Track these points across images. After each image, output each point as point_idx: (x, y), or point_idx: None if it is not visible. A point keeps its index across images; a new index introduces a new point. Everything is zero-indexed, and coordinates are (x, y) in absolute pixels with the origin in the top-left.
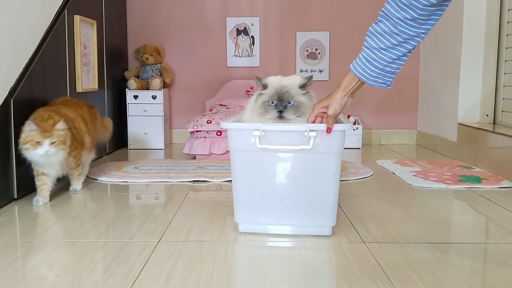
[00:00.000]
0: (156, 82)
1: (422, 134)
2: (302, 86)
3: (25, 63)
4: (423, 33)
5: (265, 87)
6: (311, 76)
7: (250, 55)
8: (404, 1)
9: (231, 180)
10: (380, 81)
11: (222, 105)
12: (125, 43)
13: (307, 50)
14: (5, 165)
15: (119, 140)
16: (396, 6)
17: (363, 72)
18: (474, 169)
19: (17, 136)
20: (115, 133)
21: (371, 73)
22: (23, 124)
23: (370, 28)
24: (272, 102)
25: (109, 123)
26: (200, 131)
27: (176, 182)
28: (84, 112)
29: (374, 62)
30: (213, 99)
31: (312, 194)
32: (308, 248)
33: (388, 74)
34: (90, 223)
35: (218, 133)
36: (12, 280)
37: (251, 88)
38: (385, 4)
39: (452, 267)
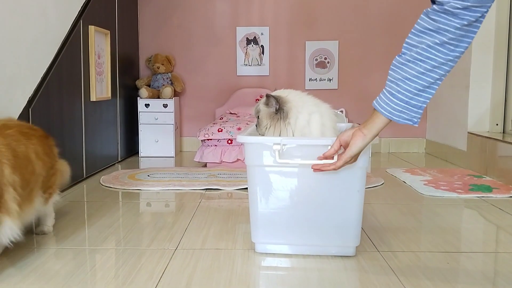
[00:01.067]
0: (167, 90)
1: (431, 143)
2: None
3: (43, 73)
4: (451, 60)
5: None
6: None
7: (259, 64)
8: (429, 26)
9: (242, 188)
10: (405, 116)
11: (232, 114)
12: (137, 53)
13: (316, 59)
14: None
15: (131, 148)
16: (420, 34)
17: (386, 107)
18: (484, 178)
19: None
20: (127, 141)
21: (396, 107)
22: None
23: (393, 61)
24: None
25: (64, 166)
26: (211, 139)
27: (189, 190)
28: (28, 148)
29: (398, 95)
30: (223, 108)
31: (335, 212)
32: (329, 270)
33: (414, 109)
34: (107, 230)
35: (229, 142)
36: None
37: (261, 97)
38: (409, 34)
39: (466, 276)
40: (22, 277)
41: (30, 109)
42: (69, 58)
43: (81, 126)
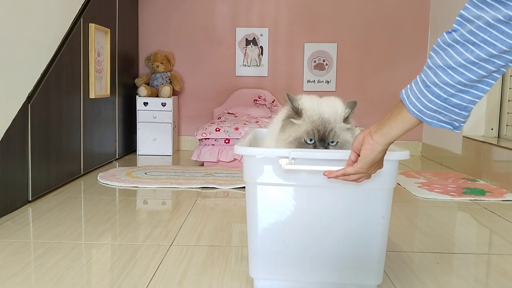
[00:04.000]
0: (166, 89)
1: (427, 146)
2: (346, 118)
3: (43, 70)
4: None
5: (298, 113)
6: (355, 103)
7: (258, 65)
8: None
9: (239, 187)
10: (442, 118)
11: (230, 114)
12: (137, 51)
13: (314, 61)
14: (21, 168)
15: (128, 145)
16: (481, 4)
17: (416, 102)
18: (478, 182)
19: (33, 140)
20: (125, 138)
21: (429, 104)
22: (39, 128)
23: (438, 40)
24: (311, 140)
25: None
26: (208, 138)
27: (186, 188)
28: None
29: (435, 88)
30: (221, 108)
31: (354, 243)
32: None
33: (456, 110)
34: (104, 226)
35: (226, 141)
36: (29, 281)
37: (259, 97)
38: (466, 3)
39: (456, 276)
40: (19, 269)
41: (29, 105)
42: (69, 55)
43: (80, 123)
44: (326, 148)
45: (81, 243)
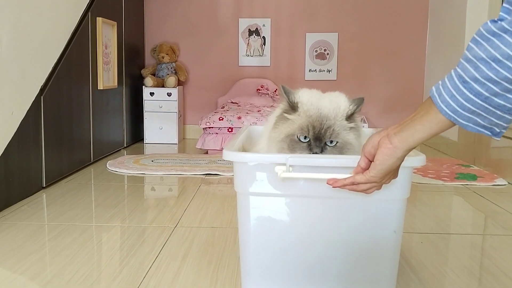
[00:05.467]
0: (171, 80)
1: None
2: (350, 116)
3: (54, 63)
4: None
5: (293, 108)
6: (363, 99)
7: (261, 54)
8: None
9: None
10: (480, 121)
11: (233, 103)
12: (142, 43)
13: (316, 51)
14: (35, 156)
15: (136, 134)
16: None
17: (450, 101)
18: (472, 168)
19: (46, 129)
20: (132, 128)
21: (466, 104)
22: (51, 119)
23: (480, 29)
24: (305, 138)
25: None
26: (212, 127)
27: (190, 175)
28: None
29: (475, 85)
30: (225, 97)
31: (362, 261)
32: None
33: (498, 112)
34: (113, 210)
35: (230, 130)
36: (47, 258)
37: (262, 87)
38: None
39: (437, 254)
40: (36, 248)
41: (42, 97)
42: (78, 48)
43: (89, 113)
44: (322, 149)
45: (93, 225)
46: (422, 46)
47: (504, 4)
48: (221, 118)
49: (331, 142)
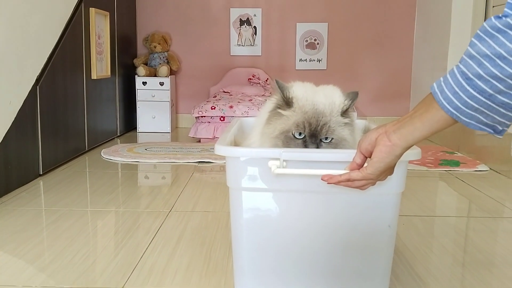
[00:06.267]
0: (164, 69)
1: None
2: (345, 111)
3: (49, 53)
4: None
5: (288, 103)
6: (357, 94)
7: (252, 44)
8: None
9: None
10: (483, 119)
11: (225, 92)
12: (135, 32)
13: (306, 41)
14: (32, 144)
15: (129, 123)
16: None
17: (452, 98)
18: (456, 154)
19: (42, 118)
20: (125, 117)
21: (469, 101)
22: (47, 108)
23: (484, 25)
24: (300, 134)
25: None
26: (204, 116)
27: (183, 163)
28: None
29: (479, 82)
30: (217, 86)
31: (356, 256)
32: None
33: (502, 110)
34: (109, 196)
35: (222, 119)
36: (47, 241)
37: (253, 76)
38: None
39: (417, 235)
40: (36, 232)
41: (38, 87)
42: (72, 39)
43: (83, 102)
44: (318, 145)
45: (89, 210)
46: (410, 36)
47: (509, 0)
48: (213, 107)
49: (326, 138)
